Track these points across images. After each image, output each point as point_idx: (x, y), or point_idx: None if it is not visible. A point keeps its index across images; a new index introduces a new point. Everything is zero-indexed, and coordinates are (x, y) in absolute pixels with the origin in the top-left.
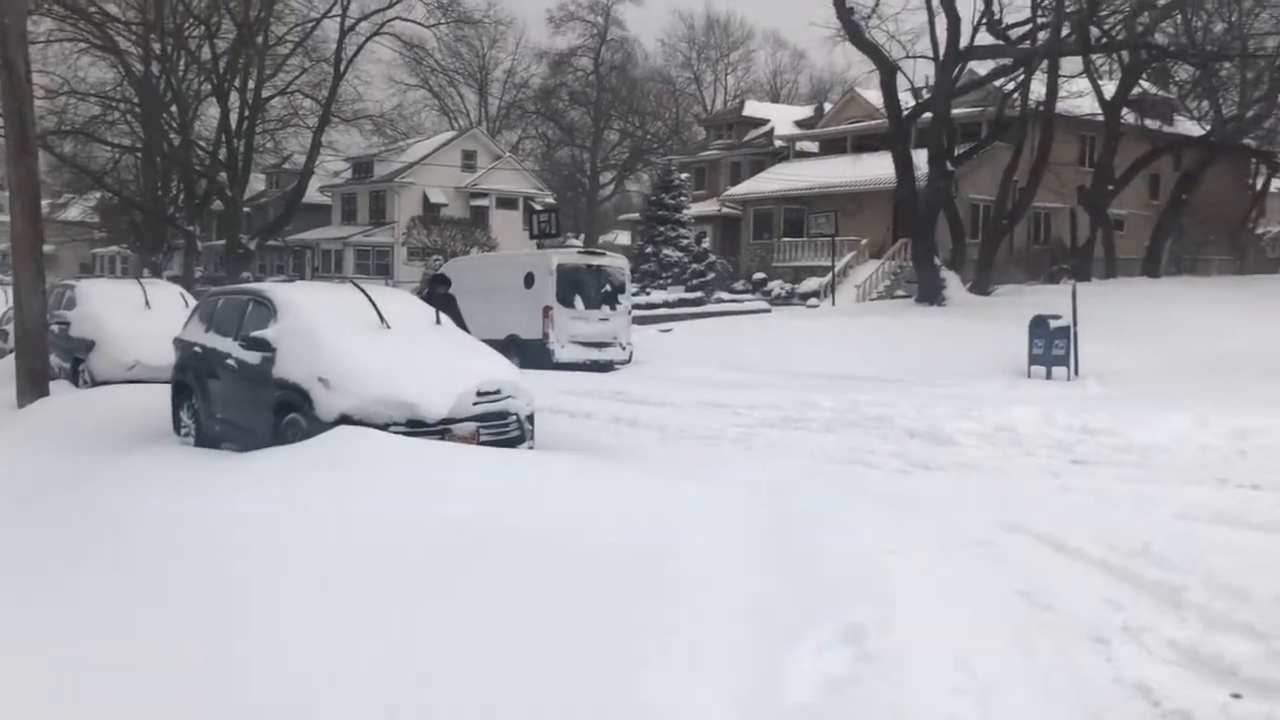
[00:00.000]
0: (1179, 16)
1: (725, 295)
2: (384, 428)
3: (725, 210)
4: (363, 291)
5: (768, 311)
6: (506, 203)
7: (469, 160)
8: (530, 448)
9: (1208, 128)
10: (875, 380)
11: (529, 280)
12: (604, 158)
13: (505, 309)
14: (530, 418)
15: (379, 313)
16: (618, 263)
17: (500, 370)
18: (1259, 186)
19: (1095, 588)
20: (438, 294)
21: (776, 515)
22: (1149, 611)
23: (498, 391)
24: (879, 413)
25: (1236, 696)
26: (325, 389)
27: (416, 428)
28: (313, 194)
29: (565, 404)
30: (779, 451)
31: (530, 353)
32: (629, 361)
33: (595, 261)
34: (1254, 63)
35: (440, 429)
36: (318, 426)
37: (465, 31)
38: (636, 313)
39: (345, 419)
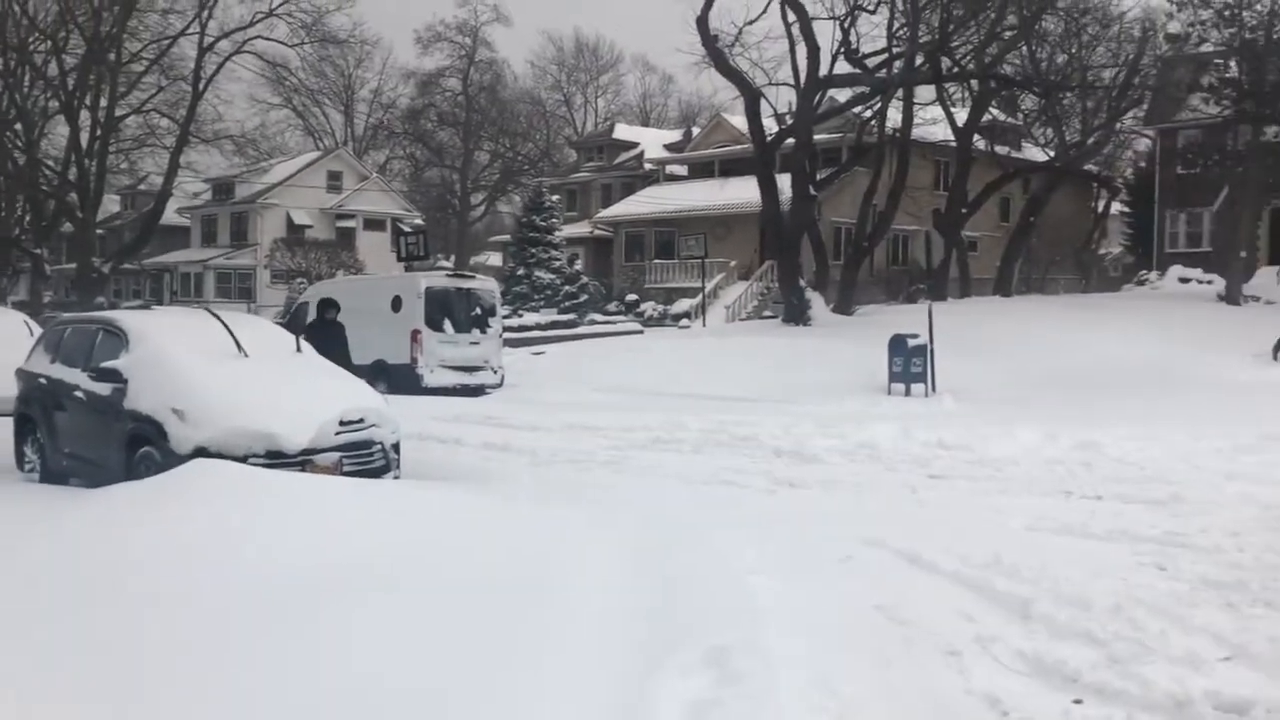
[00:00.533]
0: (1024, 49)
1: (598, 317)
2: (243, 459)
3: (597, 232)
4: (219, 319)
5: (640, 333)
6: (374, 224)
7: (335, 181)
8: (396, 477)
9: (1053, 154)
10: (744, 400)
11: (396, 304)
12: (474, 179)
13: (372, 333)
14: (396, 446)
15: (236, 340)
16: (488, 285)
17: (364, 398)
18: (1100, 209)
19: (950, 600)
20: (327, 320)
21: (644, 538)
22: (999, 622)
23: (361, 420)
24: (747, 432)
25: (1078, 702)
26: (180, 420)
27: (277, 459)
28: (171, 216)
29: (434, 430)
30: (649, 473)
31: (399, 378)
32: (500, 385)
33: (465, 284)
34: (1093, 93)
35: (301, 460)
36: (173, 460)
37: (330, 51)
38: (508, 335)
39: (202, 451)
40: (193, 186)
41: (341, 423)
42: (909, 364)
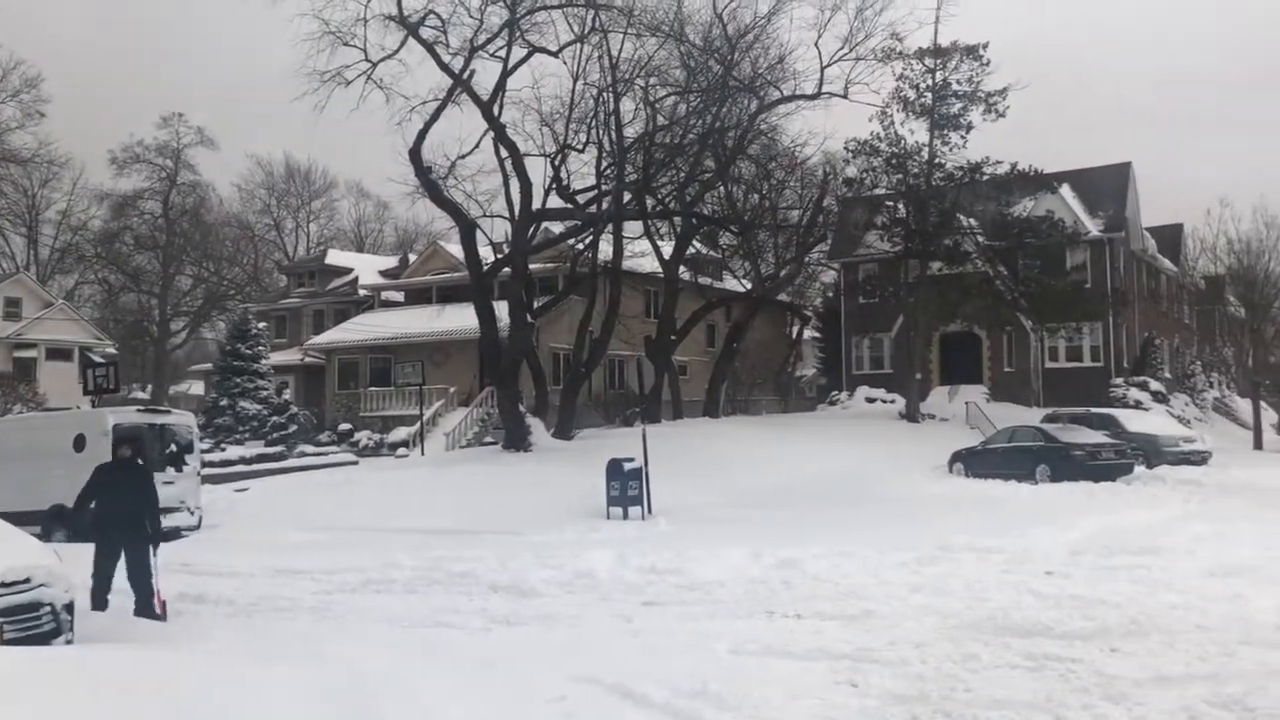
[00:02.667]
0: (722, 189)
1: (309, 449)
2: None
3: (309, 360)
4: None
5: (355, 464)
6: (59, 354)
7: (13, 308)
8: (69, 641)
9: (750, 285)
10: (463, 532)
11: (80, 443)
12: (175, 304)
13: (50, 476)
14: (69, 606)
15: None
16: (184, 420)
17: (30, 554)
18: (795, 335)
19: None
20: (121, 459)
21: (345, 694)
22: None
23: (26, 580)
24: (464, 568)
25: None
26: None
27: None
28: None
29: (119, 583)
30: (359, 619)
31: (81, 525)
32: (198, 527)
33: (158, 420)
34: (783, 230)
35: None
36: None
37: (10, 170)
38: (209, 471)
39: None
40: None
41: (2, 584)
42: (626, 487)
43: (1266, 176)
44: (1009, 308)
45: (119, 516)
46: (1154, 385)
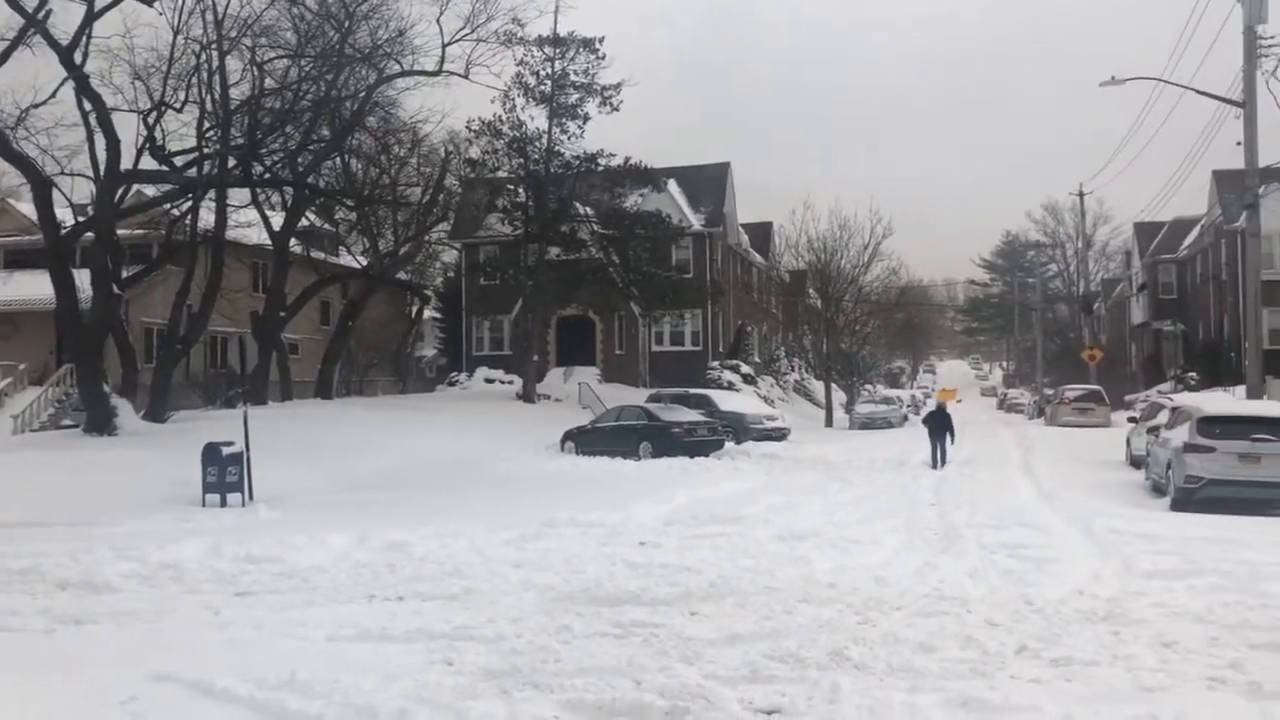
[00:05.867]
0: (339, 161)
1: None
2: None
3: None
4: None
5: None
6: None
7: None
8: None
9: (367, 261)
10: (30, 525)
11: None
12: None
13: None
14: None
15: None
16: None
17: None
18: (415, 315)
19: None
20: None
21: None
22: None
23: None
24: (26, 564)
25: None
26: None
27: None
28: None
29: None
30: None
31: None
32: None
33: None
34: (404, 207)
35: None
36: None
37: None
38: None
39: None
40: None
41: None
42: (224, 473)
43: (841, 181)
44: (620, 294)
45: None
46: (744, 368)
